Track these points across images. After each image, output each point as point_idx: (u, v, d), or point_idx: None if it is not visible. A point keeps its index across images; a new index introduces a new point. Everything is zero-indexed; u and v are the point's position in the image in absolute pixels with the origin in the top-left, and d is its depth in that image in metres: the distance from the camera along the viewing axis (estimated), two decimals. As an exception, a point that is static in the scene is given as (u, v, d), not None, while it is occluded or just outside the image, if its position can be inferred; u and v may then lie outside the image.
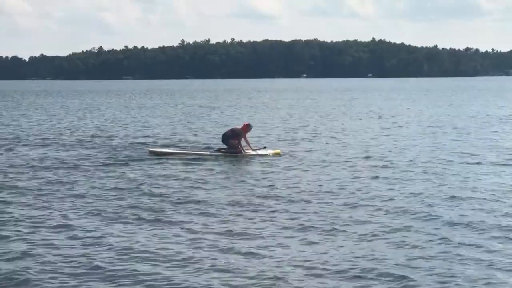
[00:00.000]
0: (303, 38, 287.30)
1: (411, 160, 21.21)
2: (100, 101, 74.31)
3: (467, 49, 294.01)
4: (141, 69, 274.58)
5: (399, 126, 34.97)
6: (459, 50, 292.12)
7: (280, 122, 38.74)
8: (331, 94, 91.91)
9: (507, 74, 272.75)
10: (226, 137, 23.07)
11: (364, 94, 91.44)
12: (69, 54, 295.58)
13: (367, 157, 22.00)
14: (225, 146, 23.17)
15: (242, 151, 22.65)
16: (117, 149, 25.16)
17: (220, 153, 22.82)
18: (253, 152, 22.77)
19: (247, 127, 23.21)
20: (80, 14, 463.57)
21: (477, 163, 20.39)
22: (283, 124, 37.09)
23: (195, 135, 31.05)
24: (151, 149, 23.67)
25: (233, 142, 22.78)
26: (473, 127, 33.75)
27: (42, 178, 18.27)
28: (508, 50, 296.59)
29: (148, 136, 30.47)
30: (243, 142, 22.88)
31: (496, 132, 31.16)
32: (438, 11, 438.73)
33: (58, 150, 25.15)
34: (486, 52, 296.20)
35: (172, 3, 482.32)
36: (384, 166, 19.90)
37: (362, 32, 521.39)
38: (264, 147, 23.53)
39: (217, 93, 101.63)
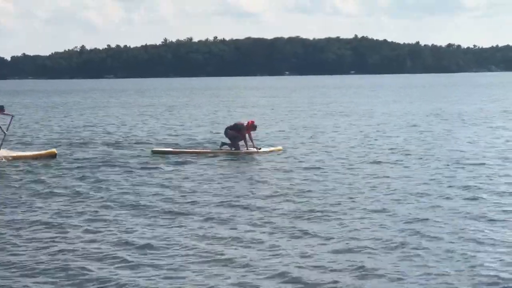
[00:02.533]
0: (286, 36, 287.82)
1: (340, 158, 21.43)
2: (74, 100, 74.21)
3: (449, 45, 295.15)
4: (124, 68, 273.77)
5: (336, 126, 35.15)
6: (441, 46, 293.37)
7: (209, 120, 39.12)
8: (300, 92, 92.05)
9: (489, 70, 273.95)
10: (227, 130, 23.24)
11: (333, 91, 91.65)
12: (52, 53, 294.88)
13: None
14: (226, 142, 23.23)
15: (244, 148, 22.67)
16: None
17: (221, 150, 22.91)
18: (255, 150, 22.76)
19: (252, 125, 23.20)
20: (62, 14, 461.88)
21: (392, 162, 20.43)
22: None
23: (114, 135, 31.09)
24: (154, 149, 23.68)
25: (232, 133, 22.84)
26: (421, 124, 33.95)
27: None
28: (490, 46, 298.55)
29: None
30: (244, 141, 22.91)
31: (448, 130, 31.24)
32: (420, 7, 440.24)
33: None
34: (468, 48, 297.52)
35: (154, 1, 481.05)
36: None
37: (344, 29, 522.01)
38: (259, 148, 23.26)
39: (186, 91, 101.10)
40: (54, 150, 23.21)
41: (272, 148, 23.39)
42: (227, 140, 23.37)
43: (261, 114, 43.46)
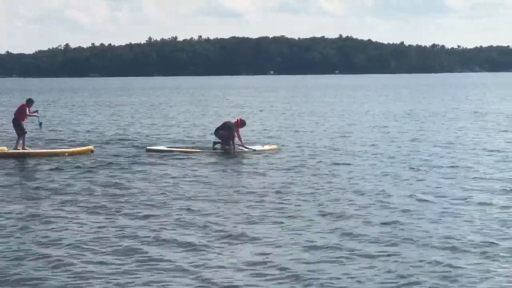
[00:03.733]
0: (271, 35, 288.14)
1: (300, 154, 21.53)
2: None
3: (434, 45, 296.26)
4: (108, 66, 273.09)
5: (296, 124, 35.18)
6: (425, 46, 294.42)
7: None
8: (279, 91, 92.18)
9: (473, 71, 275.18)
10: (217, 131, 23.25)
11: (308, 91, 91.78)
12: (36, 51, 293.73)
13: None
14: (218, 141, 23.27)
15: (233, 146, 22.67)
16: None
17: (215, 151, 22.88)
18: (246, 149, 22.83)
19: (241, 122, 23.36)
20: (46, 12, 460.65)
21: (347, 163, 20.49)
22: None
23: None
24: (148, 147, 23.70)
25: (222, 133, 22.87)
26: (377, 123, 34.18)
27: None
28: (474, 47, 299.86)
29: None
30: (238, 138, 22.98)
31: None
32: (404, 8, 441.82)
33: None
34: (452, 48, 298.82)
35: (139, 0, 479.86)
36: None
37: (329, 29, 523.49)
38: (254, 150, 23.24)
39: (159, 91, 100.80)
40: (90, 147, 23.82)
41: (266, 147, 23.42)
42: (217, 140, 23.49)
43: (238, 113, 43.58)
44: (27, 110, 23.13)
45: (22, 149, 22.89)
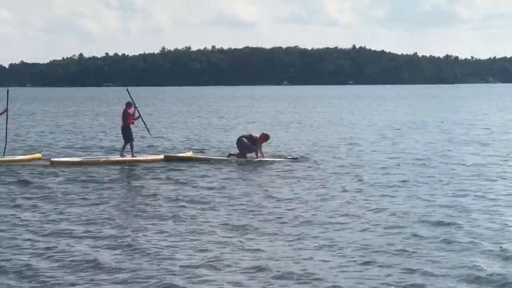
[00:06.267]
0: (284, 45, 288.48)
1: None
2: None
3: (447, 56, 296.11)
4: (121, 76, 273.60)
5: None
6: (439, 57, 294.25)
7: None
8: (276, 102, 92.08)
9: (487, 82, 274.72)
10: (242, 138, 23.09)
11: (313, 101, 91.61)
12: (50, 61, 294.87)
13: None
14: (234, 153, 23.26)
15: (256, 158, 22.61)
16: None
17: (233, 159, 22.76)
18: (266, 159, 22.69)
19: (265, 137, 23.25)
20: (60, 22, 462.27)
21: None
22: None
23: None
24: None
25: (246, 143, 22.79)
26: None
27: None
28: (487, 58, 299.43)
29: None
30: (256, 153, 22.88)
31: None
32: (416, 19, 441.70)
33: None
34: (466, 59, 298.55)
35: (152, 11, 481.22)
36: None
37: (342, 40, 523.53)
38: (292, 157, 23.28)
39: (158, 100, 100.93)
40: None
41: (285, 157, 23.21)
42: (236, 151, 23.47)
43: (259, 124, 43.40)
44: (131, 113, 23.06)
45: (132, 157, 22.81)
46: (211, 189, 17.32)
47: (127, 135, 22.94)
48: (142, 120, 23.70)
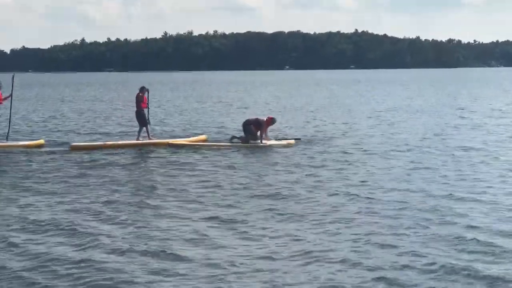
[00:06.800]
0: (286, 30, 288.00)
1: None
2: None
3: (450, 40, 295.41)
4: (123, 61, 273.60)
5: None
6: (441, 41, 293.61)
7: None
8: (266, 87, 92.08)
9: (489, 65, 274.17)
10: (247, 123, 23.17)
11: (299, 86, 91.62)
12: (51, 46, 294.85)
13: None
14: (237, 136, 23.46)
15: (260, 141, 22.70)
16: None
17: (235, 143, 22.91)
18: (268, 143, 22.80)
19: (271, 121, 23.44)
20: (61, 7, 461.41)
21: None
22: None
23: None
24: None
25: (252, 129, 22.88)
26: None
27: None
28: (490, 41, 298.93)
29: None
30: (261, 136, 22.94)
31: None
32: (420, 2, 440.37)
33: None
34: (468, 43, 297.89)
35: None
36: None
37: (344, 24, 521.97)
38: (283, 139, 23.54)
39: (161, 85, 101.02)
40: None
41: (285, 141, 23.30)
42: (237, 134, 23.71)
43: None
44: (144, 98, 23.40)
45: (149, 139, 23.19)
46: (231, 169, 17.71)
47: (142, 119, 23.32)
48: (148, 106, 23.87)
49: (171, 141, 23.51)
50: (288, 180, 16.15)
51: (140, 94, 23.49)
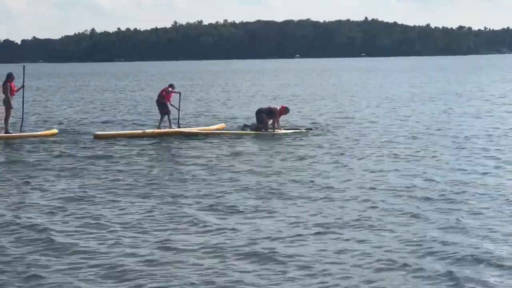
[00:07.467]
0: (296, 18, 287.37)
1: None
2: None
3: (460, 27, 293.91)
4: (133, 51, 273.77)
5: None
6: (451, 28, 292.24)
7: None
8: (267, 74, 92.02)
9: (500, 52, 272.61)
10: (260, 112, 23.23)
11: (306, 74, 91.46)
12: (62, 36, 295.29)
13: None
14: (249, 124, 23.58)
15: (274, 131, 22.74)
16: None
17: (248, 132, 22.93)
18: (280, 132, 22.79)
19: (284, 110, 23.48)
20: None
21: None
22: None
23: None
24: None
25: (264, 118, 22.91)
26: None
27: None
28: (501, 28, 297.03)
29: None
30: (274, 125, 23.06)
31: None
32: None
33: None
34: (479, 30, 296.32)
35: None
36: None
37: (354, 12, 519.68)
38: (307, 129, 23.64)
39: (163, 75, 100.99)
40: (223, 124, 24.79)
41: (297, 130, 23.31)
42: (248, 122, 23.99)
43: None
44: (170, 95, 23.73)
45: (169, 128, 23.39)
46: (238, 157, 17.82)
47: (163, 109, 23.51)
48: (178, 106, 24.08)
49: (186, 130, 23.64)
50: (297, 168, 16.27)
51: (169, 88, 23.87)
